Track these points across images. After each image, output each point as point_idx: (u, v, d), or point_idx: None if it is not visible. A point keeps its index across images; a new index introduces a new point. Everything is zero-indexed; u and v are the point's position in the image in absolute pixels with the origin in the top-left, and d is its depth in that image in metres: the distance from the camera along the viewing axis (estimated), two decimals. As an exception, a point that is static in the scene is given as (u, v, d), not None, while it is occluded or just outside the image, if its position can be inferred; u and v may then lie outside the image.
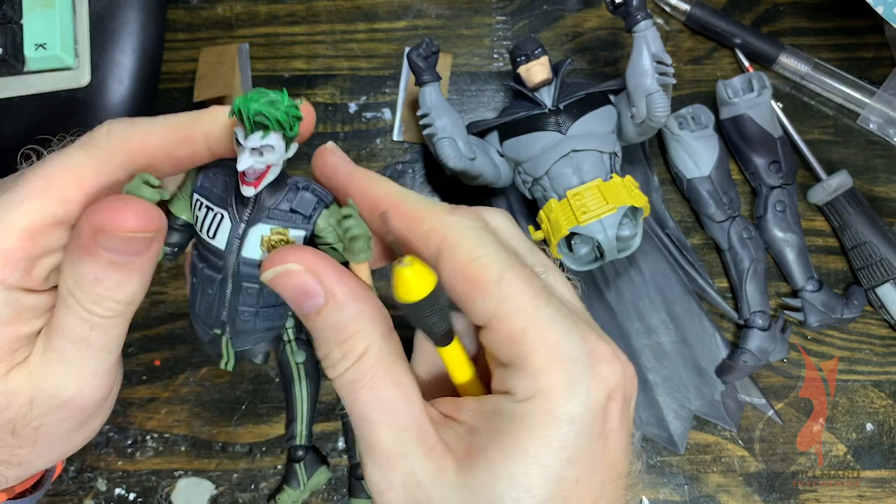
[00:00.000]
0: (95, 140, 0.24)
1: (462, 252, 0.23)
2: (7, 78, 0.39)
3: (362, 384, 0.23)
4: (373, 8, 0.44)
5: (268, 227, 0.25)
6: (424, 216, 0.24)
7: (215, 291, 0.27)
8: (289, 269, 0.23)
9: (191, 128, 0.24)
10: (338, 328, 0.23)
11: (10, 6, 0.38)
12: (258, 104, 0.22)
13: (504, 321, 0.22)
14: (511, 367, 0.23)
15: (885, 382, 0.42)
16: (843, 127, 0.44)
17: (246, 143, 0.22)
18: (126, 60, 0.39)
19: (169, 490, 0.40)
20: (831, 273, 0.43)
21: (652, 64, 0.35)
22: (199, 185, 0.26)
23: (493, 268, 0.23)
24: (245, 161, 0.22)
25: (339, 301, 0.23)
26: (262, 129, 0.22)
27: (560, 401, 0.21)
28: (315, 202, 0.25)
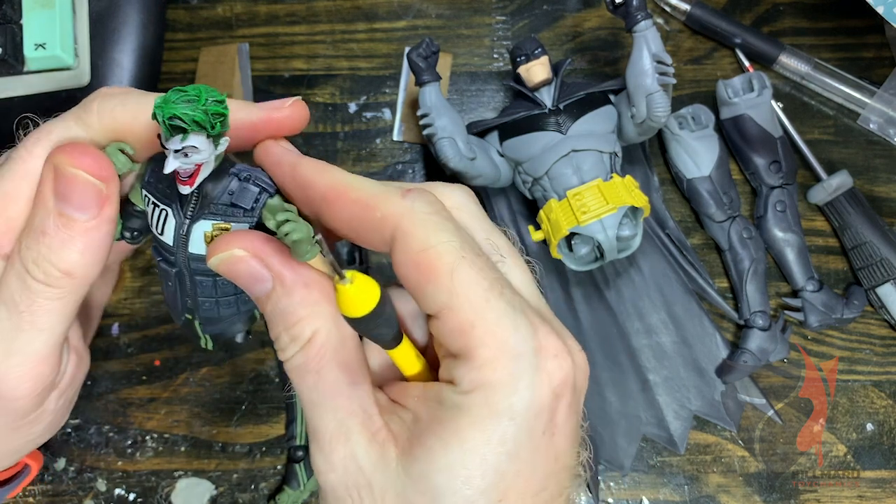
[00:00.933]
0: (88, 114, 0.25)
1: (415, 240, 0.22)
2: (7, 78, 0.39)
3: (308, 368, 0.23)
4: (373, 8, 0.44)
5: (209, 223, 0.24)
6: (376, 203, 0.23)
7: (174, 283, 0.27)
8: (234, 255, 0.23)
9: None
10: (285, 313, 0.23)
11: (10, 6, 0.38)
12: (174, 106, 0.21)
13: (454, 312, 0.22)
14: (458, 358, 0.22)
15: (886, 382, 0.42)
16: (844, 127, 0.44)
17: (168, 145, 0.21)
18: (126, 60, 0.39)
19: (169, 490, 0.40)
20: (831, 273, 0.43)
21: (652, 64, 0.35)
22: (146, 180, 0.25)
23: (445, 258, 0.22)
24: (171, 164, 0.22)
25: (287, 286, 0.23)
26: (182, 133, 0.21)
27: (502, 395, 0.21)
28: (257, 194, 0.24)
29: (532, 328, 0.22)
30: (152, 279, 0.42)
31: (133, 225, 0.27)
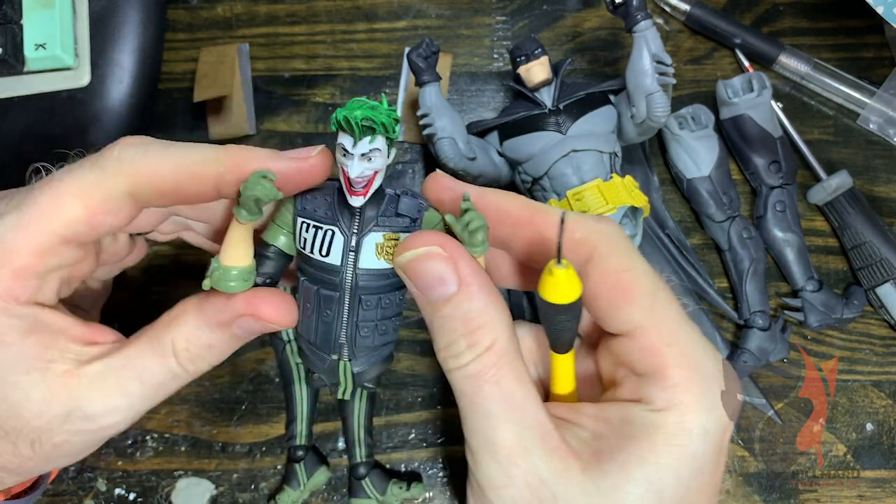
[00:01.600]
0: (105, 161, 0.25)
1: (614, 261, 0.24)
2: (7, 78, 0.39)
3: (487, 378, 0.23)
4: (373, 8, 0.44)
5: (380, 234, 0.25)
6: (575, 226, 0.24)
7: (333, 311, 0.26)
8: (430, 252, 0.23)
9: (204, 167, 0.25)
10: (467, 318, 0.23)
11: (10, 6, 0.38)
12: (362, 110, 0.23)
13: (649, 332, 0.23)
14: (647, 377, 0.23)
15: (885, 382, 0.42)
16: (843, 127, 0.44)
17: (355, 149, 0.23)
18: (126, 60, 0.39)
19: (169, 490, 0.40)
20: (831, 273, 0.43)
21: (652, 64, 0.35)
22: (300, 208, 0.26)
23: (645, 280, 0.24)
24: (356, 167, 0.23)
25: (472, 290, 0.23)
26: (370, 134, 0.23)
27: (696, 415, 0.22)
28: (418, 205, 0.26)
29: (716, 354, 0.24)
30: (152, 279, 0.42)
31: (266, 269, 0.27)
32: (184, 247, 0.42)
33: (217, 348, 0.26)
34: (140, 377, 0.25)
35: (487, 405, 0.23)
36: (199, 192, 0.25)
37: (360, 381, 0.29)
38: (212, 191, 0.25)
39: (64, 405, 0.25)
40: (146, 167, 0.24)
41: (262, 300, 0.25)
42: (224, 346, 0.26)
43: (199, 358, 0.26)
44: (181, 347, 0.25)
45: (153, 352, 0.25)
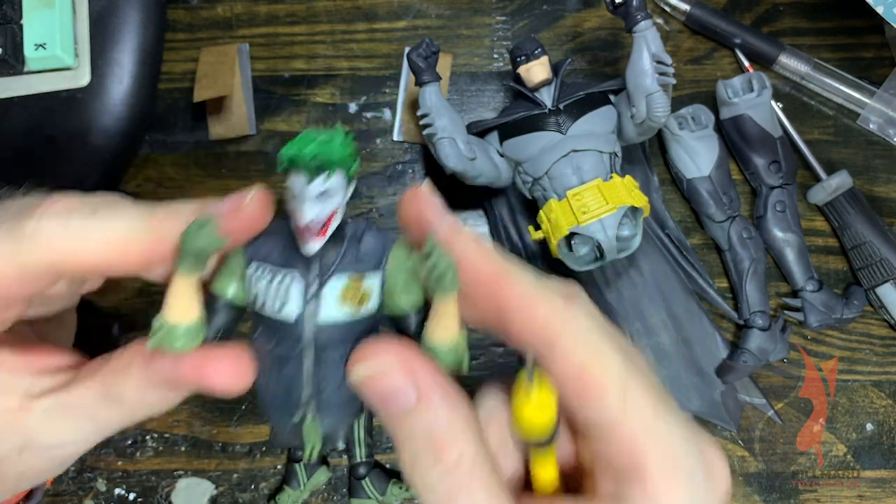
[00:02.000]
0: (22, 235, 0.22)
1: (580, 351, 0.22)
2: (7, 78, 0.39)
3: (458, 494, 0.21)
4: (373, 8, 0.44)
5: (345, 276, 0.22)
6: (537, 304, 0.22)
7: (292, 369, 0.24)
8: (383, 372, 0.22)
9: (130, 243, 0.23)
10: (430, 433, 0.21)
11: (10, 6, 0.38)
12: (314, 146, 0.20)
13: (623, 428, 0.22)
14: (625, 476, 0.22)
15: (885, 382, 0.42)
16: (843, 127, 0.44)
17: (308, 190, 0.20)
18: (126, 60, 0.39)
19: (169, 490, 0.40)
20: (831, 273, 0.43)
21: (652, 64, 0.35)
22: (254, 250, 0.23)
23: (614, 370, 0.22)
24: (309, 211, 0.21)
25: (433, 402, 0.21)
26: (325, 172, 0.20)
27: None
28: (382, 239, 0.23)
29: (697, 441, 0.22)
30: (151, 279, 0.42)
31: (217, 323, 0.24)
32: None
33: (172, 399, 0.25)
34: (92, 417, 0.25)
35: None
36: (126, 267, 0.23)
37: (329, 443, 0.26)
38: (141, 266, 0.23)
39: (17, 439, 0.24)
40: (66, 244, 0.22)
41: (211, 370, 0.23)
42: (177, 398, 0.25)
43: (153, 406, 0.25)
44: (133, 399, 0.24)
45: (104, 399, 0.24)
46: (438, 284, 0.22)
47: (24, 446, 0.24)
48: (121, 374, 0.24)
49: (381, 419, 0.22)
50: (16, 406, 0.24)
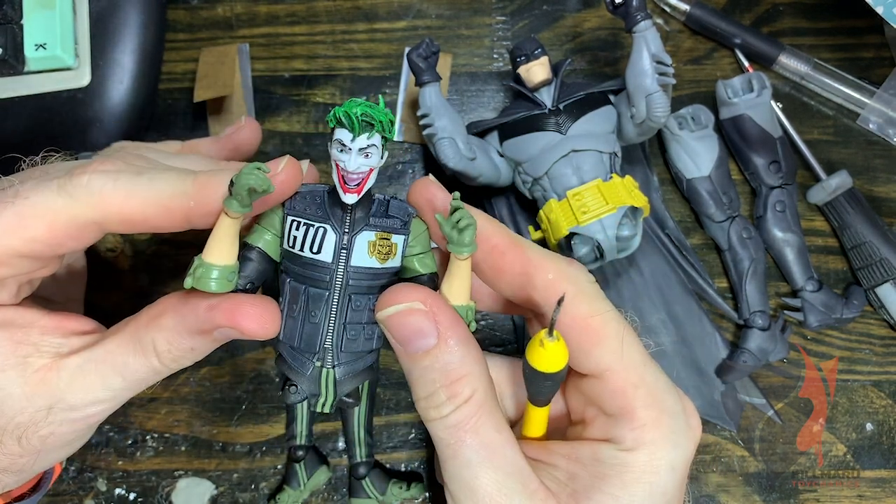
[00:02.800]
0: (74, 188, 0.24)
1: (584, 306, 0.25)
2: (7, 78, 0.39)
3: (467, 428, 0.24)
4: (373, 8, 0.44)
5: (373, 233, 0.25)
6: (548, 265, 0.25)
7: (321, 311, 0.26)
8: (411, 308, 0.24)
9: (173, 201, 0.24)
10: (446, 370, 0.24)
11: (10, 6, 0.38)
12: (362, 107, 0.23)
13: (618, 375, 0.24)
14: (616, 418, 0.25)
15: (885, 382, 0.42)
16: (843, 127, 0.44)
17: (353, 143, 0.23)
18: (126, 60, 0.39)
19: (169, 490, 0.40)
20: (831, 273, 0.43)
21: (652, 64, 0.35)
22: (290, 207, 0.26)
23: (613, 324, 0.25)
24: (353, 161, 0.24)
25: (450, 344, 0.24)
26: (369, 130, 0.23)
27: (664, 451, 0.24)
28: (407, 208, 0.26)
29: (677, 389, 0.25)
30: (153, 278, 0.42)
31: (248, 272, 0.26)
32: (184, 246, 0.42)
33: (199, 350, 0.26)
34: (122, 372, 0.25)
35: (468, 454, 0.24)
36: (169, 224, 0.25)
37: (341, 390, 0.28)
38: (182, 223, 0.25)
39: (46, 398, 0.25)
40: (115, 199, 0.24)
41: (244, 313, 0.24)
42: (205, 348, 0.26)
43: (181, 358, 0.26)
44: (163, 349, 0.25)
45: (135, 350, 0.25)
46: (460, 240, 0.24)
47: (51, 406, 0.25)
48: (153, 324, 0.25)
49: (400, 358, 0.25)
50: (47, 365, 0.25)
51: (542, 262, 0.25)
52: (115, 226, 0.25)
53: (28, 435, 0.25)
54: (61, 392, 0.25)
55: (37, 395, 0.25)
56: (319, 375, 0.28)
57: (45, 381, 0.25)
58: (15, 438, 0.25)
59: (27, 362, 0.25)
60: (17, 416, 0.25)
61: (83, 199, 0.24)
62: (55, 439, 0.26)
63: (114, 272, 0.42)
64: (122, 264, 0.42)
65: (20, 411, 0.25)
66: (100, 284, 0.40)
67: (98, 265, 0.41)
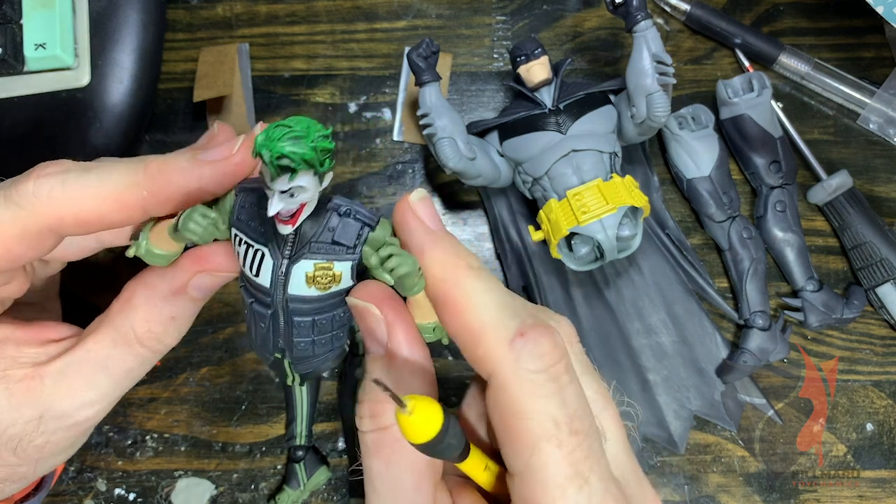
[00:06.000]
0: (21, 197, 0.23)
1: (507, 400, 0.21)
2: (7, 78, 0.39)
3: (380, 454, 0.22)
4: (373, 8, 0.44)
5: (311, 263, 0.23)
6: (481, 339, 0.21)
7: (267, 325, 0.25)
8: (367, 309, 0.23)
9: (126, 194, 0.23)
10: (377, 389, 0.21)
11: (10, 6, 0.38)
12: (281, 145, 0.19)
13: (526, 485, 0.21)
14: None
15: (885, 382, 0.42)
16: (843, 127, 0.44)
17: (274, 186, 0.20)
18: (126, 60, 0.39)
19: (169, 490, 0.40)
20: (831, 273, 0.43)
21: (652, 64, 0.35)
22: (235, 218, 0.24)
23: (532, 433, 0.20)
24: (275, 205, 0.20)
25: (396, 363, 0.22)
26: (290, 173, 0.20)
27: None
28: (359, 229, 0.23)
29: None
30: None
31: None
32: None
33: (179, 318, 0.25)
34: (105, 368, 0.25)
35: (375, 481, 0.22)
36: (126, 218, 0.24)
37: (309, 377, 0.29)
38: (139, 215, 0.24)
39: (33, 408, 0.24)
40: (66, 202, 0.23)
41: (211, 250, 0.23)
42: (185, 313, 0.25)
43: (164, 335, 0.25)
44: (142, 331, 0.25)
45: (114, 341, 0.25)
46: (402, 285, 0.23)
47: (41, 415, 0.25)
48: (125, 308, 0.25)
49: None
50: (28, 374, 0.25)
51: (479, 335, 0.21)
52: (72, 228, 0.24)
53: (23, 446, 0.25)
54: (48, 400, 0.25)
55: (24, 406, 0.24)
56: (282, 363, 0.28)
57: (29, 390, 0.24)
58: (10, 450, 0.25)
59: (7, 375, 0.24)
60: (9, 429, 0.24)
61: (31, 207, 0.23)
62: (51, 447, 0.26)
63: (113, 271, 0.42)
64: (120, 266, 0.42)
65: (11, 423, 0.24)
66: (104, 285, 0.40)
67: (97, 266, 0.41)
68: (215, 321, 0.42)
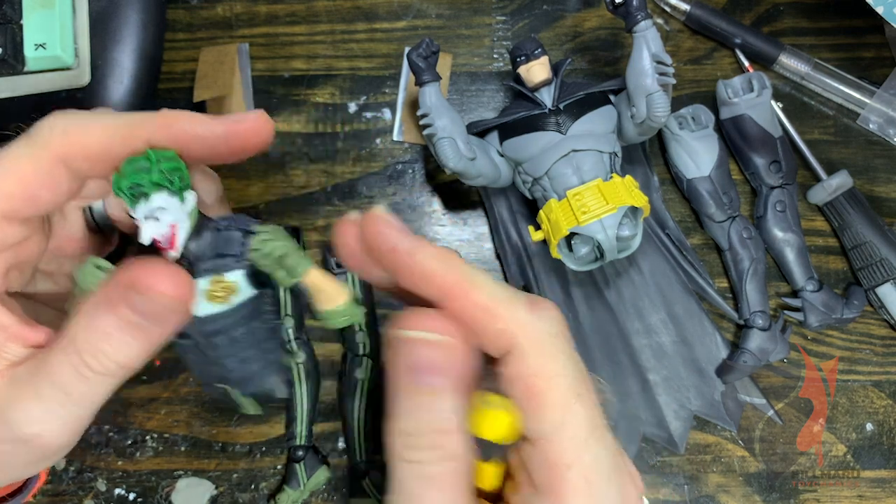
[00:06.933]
0: (36, 134, 0.24)
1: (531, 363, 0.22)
2: (7, 78, 0.39)
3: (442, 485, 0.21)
4: (373, 8, 0.44)
5: (205, 280, 0.24)
6: (499, 311, 0.22)
7: (196, 356, 0.26)
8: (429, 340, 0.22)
9: (134, 129, 0.24)
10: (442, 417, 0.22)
11: (10, 6, 0.38)
12: (129, 175, 0.22)
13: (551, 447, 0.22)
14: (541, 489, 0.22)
15: (885, 382, 0.42)
16: (843, 127, 0.44)
17: (136, 214, 0.22)
18: (126, 60, 0.39)
19: (169, 490, 0.40)
20: (831, 273, 0.43)
21: (652, 64, 0.35)
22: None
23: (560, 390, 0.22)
24: (146, 233, 0.22)
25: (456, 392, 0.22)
26: (144, 197, 0.22)
27: None
28: (241, 237, 0.24)
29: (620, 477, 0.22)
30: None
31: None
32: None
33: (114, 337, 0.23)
34: (51, 381, 0.24)
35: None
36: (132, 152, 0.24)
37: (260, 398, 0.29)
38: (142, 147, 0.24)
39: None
40: (76, 134, 0.24)
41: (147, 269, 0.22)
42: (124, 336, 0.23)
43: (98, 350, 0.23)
44: (76, 337, 0.23)
45: (61, 351, 0.23)
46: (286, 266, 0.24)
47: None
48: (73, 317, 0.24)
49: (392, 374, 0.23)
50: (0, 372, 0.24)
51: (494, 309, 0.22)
52: (81, 162, 0.24)
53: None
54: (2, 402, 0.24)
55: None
56: (228, 393, 0.28)
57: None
58: None
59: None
60: None
61: (43, 140, 0.24)
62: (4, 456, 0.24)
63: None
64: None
65: None
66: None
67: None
68: (215, 321, 0.42)
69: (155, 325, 0.23)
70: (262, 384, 0.28)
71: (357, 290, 0.38)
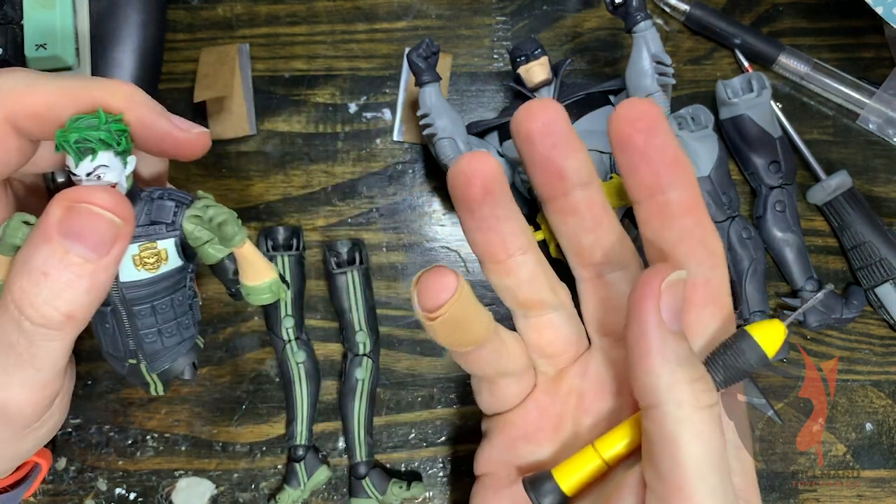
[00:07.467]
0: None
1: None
2: (7, 78, 0.39)
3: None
4: (373, 8, 0.44)
5: (136, 245, 0.24)
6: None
7: (111, 324, 0.26)
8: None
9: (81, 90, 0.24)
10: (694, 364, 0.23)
11: (10, 6, 0.38)
12: (77, 130, 0.22)
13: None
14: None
15: (885, 382, 0.42)
16: (843, 127, 0.44)
17: (79, 170, 0.22)
18: (126, 60, 0.39)
19: (169, 490, 0.40)
20: (831, 273, 0.43)
21: (651, 64, 0.35)
22: None
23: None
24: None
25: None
26: (91, 153, 0.22)
27: None
28: (174, 206, 0.25)
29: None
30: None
31: None
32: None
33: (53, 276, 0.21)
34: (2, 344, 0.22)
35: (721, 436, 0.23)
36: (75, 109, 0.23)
37: (167, 377, 0.29)
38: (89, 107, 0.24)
39: None
40: (17, 91, 0.23)
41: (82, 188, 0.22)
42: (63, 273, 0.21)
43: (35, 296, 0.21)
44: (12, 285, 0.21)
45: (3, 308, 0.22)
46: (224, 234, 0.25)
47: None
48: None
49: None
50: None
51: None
52: (25, 120, 0.23)
53: None
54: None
55: None
56: (138, 370, 0.28)
57: None
58: None
59: None
60: None
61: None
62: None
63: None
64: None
65: None
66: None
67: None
68: (215, 321, 0.42)
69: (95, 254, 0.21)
70: (173, 362, 0.29)
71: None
